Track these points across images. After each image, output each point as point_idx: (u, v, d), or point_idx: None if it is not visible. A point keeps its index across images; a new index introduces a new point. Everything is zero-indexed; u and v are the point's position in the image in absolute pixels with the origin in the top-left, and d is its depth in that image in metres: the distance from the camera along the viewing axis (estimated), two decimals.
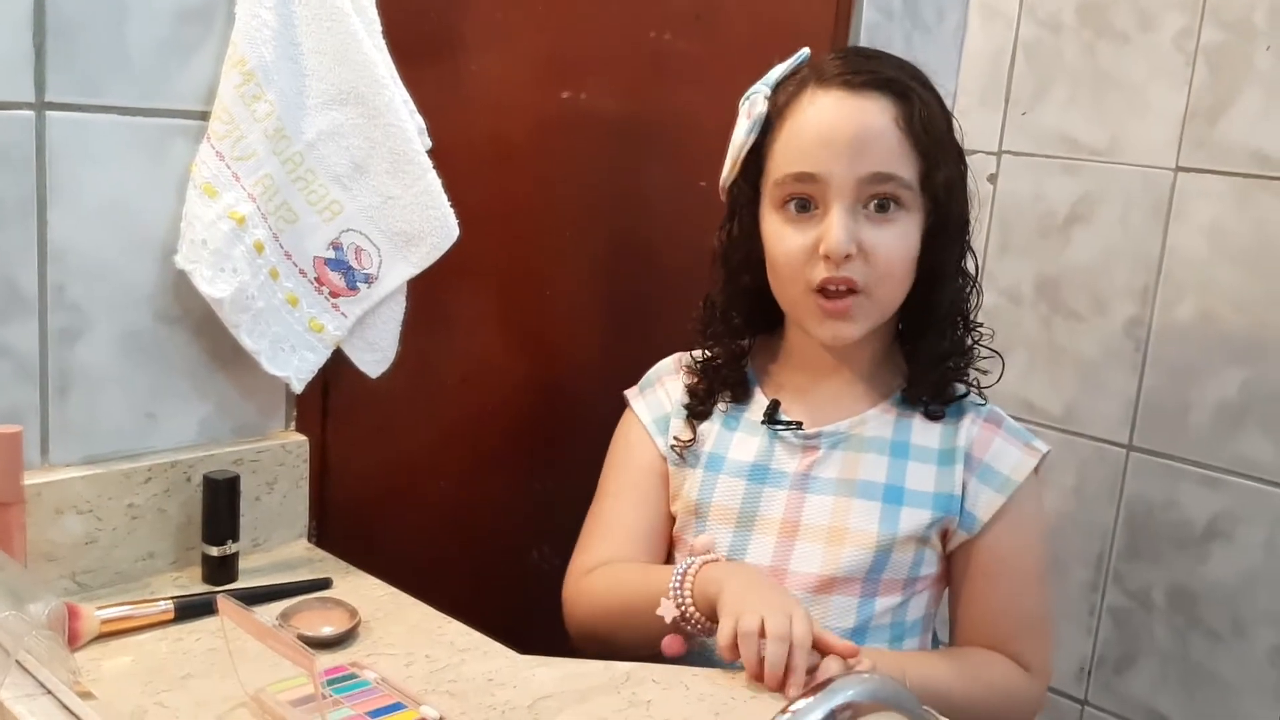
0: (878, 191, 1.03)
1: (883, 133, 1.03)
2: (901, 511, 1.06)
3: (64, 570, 1.01)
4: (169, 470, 1.06)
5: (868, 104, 1.03)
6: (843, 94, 1.04)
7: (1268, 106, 1.48)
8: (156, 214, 1.02)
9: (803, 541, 1.07)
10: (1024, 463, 1.10)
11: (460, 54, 1.24)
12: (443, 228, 1.10)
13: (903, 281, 1.06)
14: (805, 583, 1.06)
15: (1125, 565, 1.66)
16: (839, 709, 0.56)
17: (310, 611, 1.00)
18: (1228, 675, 1.57)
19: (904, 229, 1.04)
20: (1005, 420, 1.12)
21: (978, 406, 1.12)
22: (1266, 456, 1.51)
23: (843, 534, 1.06)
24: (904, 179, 1.03)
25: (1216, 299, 1.54)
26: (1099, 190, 1.64)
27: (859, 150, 1.02)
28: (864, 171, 1.02)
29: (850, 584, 1.06)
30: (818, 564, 1.06)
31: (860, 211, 1.03)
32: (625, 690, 0.90)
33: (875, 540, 1.06)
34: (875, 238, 1.03)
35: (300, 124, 1.04)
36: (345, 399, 1.21)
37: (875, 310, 1.06)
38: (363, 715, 0.84)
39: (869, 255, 1.03)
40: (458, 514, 1.35)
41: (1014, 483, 1.08)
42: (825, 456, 1.09)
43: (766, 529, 1.09)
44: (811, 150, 1.04)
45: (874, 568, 1.06)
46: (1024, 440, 1.11)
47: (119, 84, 0.98)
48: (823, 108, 1.04)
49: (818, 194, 1.04)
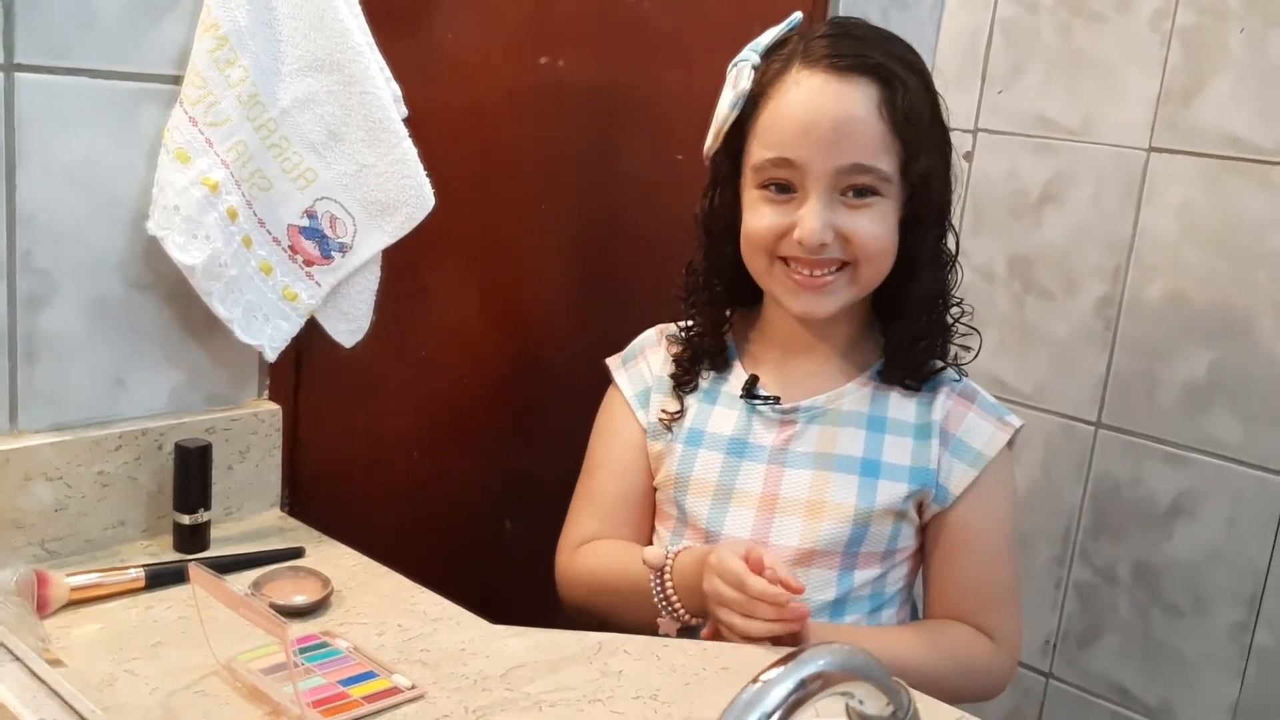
0: (855, 182, 1.03)
1: (864, 122, 1.02)
2: (878, 485, 1.07)
3: (33, 538, 1.00)
4: (140, 438, 1.05)
5: (851, 90, 1.02)
6: (827, 77, 1.02)
7: (1240, 89, 1.49)
8: (127, 179, 1.01)
9: (781, 515, 1.08)
10: (996, 438, 1.11)
11: (437, 20, 1.23)
12: (418, 197, 1.09)
13: (882, 264, 1.06)
14: (785, 555, 1.07)
15: (1091, 541, 1.68)
16: (809, 679, 0.56)
17: (282, 580, 1.00)
18: (1189, 650, 1.60)
19: (881, 215, 1.04)
20: (980, 395, 1.13)
21: (953, 381, 1.13)
22: (1232, 435, 1.54)
23: (821, 507, 1.07)
24: (883, 170, 1.03)
25: (1186, 280, 1.56)
26: (1072, 170, 1.65)
27: (839, 139, 1.01)
28: (843, 162, 1.02)
29: (829, 556, 1.07)
30: (796, 537, 1.07)
31: (838, 199, 1.04)
32: (597, 661, 0.91)
33: (853, 513, 1.07)
34: (852, 223, 1.03)
35: (275, 90, 1.03)
36: (319, 368, 1.20)
37: (853, 288, 1.07)
38: (335, 684, 0.84)
39: (847, 240, 1.04)
40: (431, 484, 1.35)
41: (985, 457, 1.10)
42: (802, 430, 1.10)
43: (745, 502, 1.09)
44: (792, 137, 1.03)
45: (852, 540, 1.07)
46: (997, 415, 1.12)
47: (89, 46, 0.97)
48: (806, 91, 1.03)
49: (796, 179, 1.04)
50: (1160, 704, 1.63)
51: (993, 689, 1.13)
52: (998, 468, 1.10)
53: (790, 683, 0.56)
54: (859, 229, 1.03)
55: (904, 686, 0.63)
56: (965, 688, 1.08)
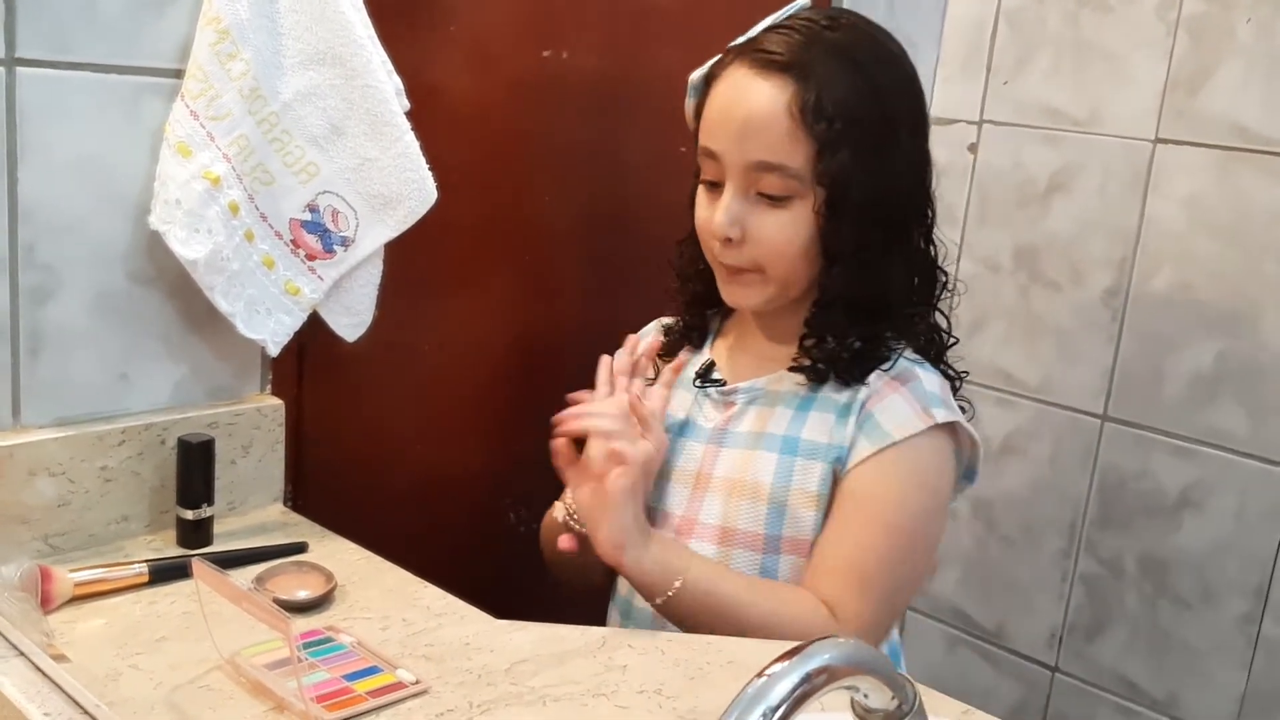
0: (766, 181, 1.03)
1: (771, 120, 1.01)
2: (795, 463, 1.06)
3: (36, 533, 1.00)
4: (143, 433, 1.05)
5: (764, 87, 1.02)
6: (747, 73, 1.03)
7: (1247, 79, 1.48)
8: (129, 173, 1.01)
9: (710, 493, 1.09)
10: (910, 422, 1.04)
11: (439, 13, 1.22)
12: (421, 190, 1.09)
13: (796, 263, 1.05)
14: (710, 533, 1.08)
15: (1098, 534, 1.68)
16: (814, 673, 0.56)
17: (286, 575, 1.00)
18: (1196, 642, 1.60)
19: (793, 216, 1.04)
20: (916, 382, 1.07)
21: (898, 364, 1.09)
22: (1239, 427, 1.53)
23: (741, 486, 1.08)
24: (791, 168, 1.02)
25: (1193, 271, 1.55)
26: (1078, 161, 1.64)
27: (746, 136, 1.02)
28: (751, 158, 1.03)
29: (752, 538, 1.07)
30: (718, 515, 1.08)
31: (755, 197, 1.04)
32: (601, 655, 0.91)
33: (769, 492, 1.06)
34: (760, 223, 1.04)
35: (276, 84, 1.03)
36: (321, 363, 1.20)
37: (772, 287, 1.07)
38: (339, 678, 0.84)
39: (753, 240, 1.05)
40: (435, 478, 1.35)
41: (890, 437, 1.04)
42: (741, 412, 1.11)
43: (682, 480, 1.11)
44: (713, 128, 1.05)
45: (771, 522, 1.06)
46: (924, 404, 1.05)
47: (91, 40, 0.97)
48: (727, 86, 1.04)
49: (719, 173, 1.05)
50: (1167, 696, 1.63)
51: None
52: (906, 453, 1.04)
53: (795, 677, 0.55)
54: (764, 233, 1.04)
55: (909, 680, 0.63)
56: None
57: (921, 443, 1.04)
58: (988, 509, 1.79)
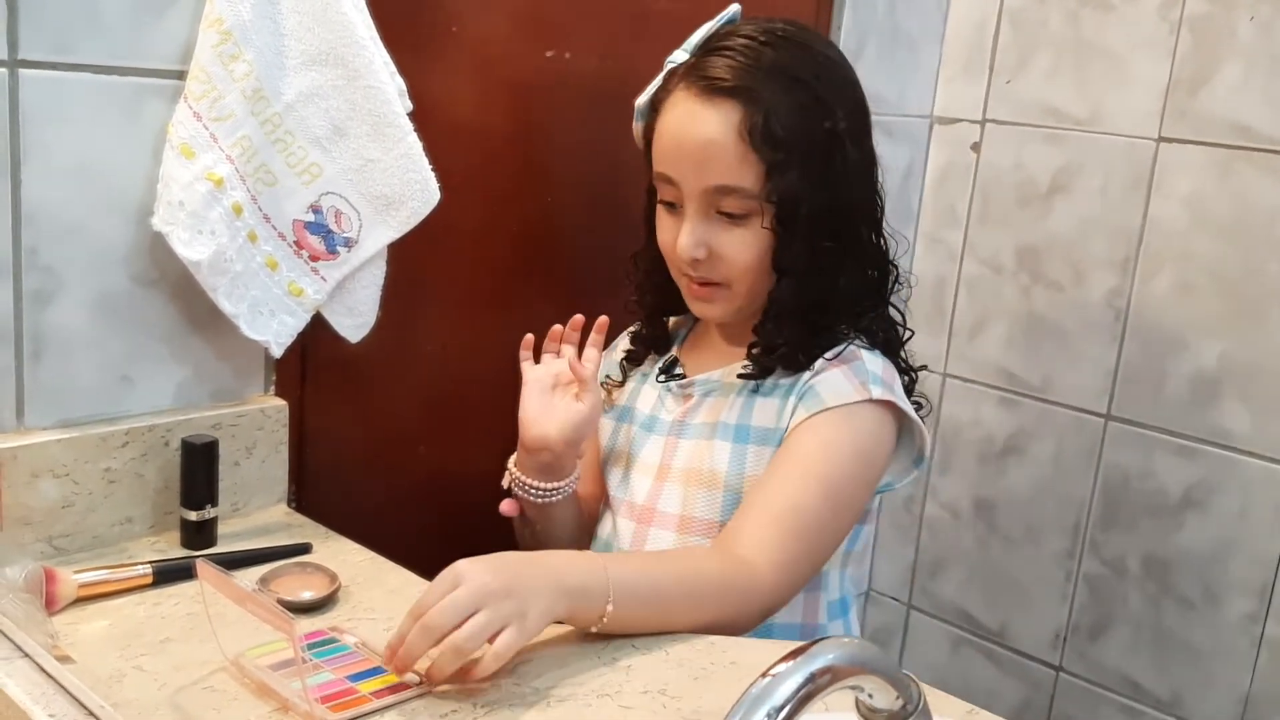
0: (725, 202, 1.06)
1: (724, 145, 1.04)
2: (748, 450, 1.09)
3: (40, 534, 1.00)
4: (146, 434, 1.05)
5: (713, 115, 1.05)
6: (695, 100, 1.06)
7: (1250, 78, 1.48)
8: (132, 175, 1.01)
9: (670, 483, 1.13)
10: (845, 393, 1.05)
11: (441, 13, 1.22)
12: (424, 191, 1.09)
13: (758, 276, 1.09)
14: (668, 522, 1.11)
15: (1101, 534, 1.67)
16: (818, 673, 0.56)
17: (290, 576, 1.00)
18: (1200, 643, 1.59)
19: (752, 233, 1.07)
20: (859, 362, 1.08)
21: (845, 350, 1.10)
22: (1242, 427, 1.53)
23: (699, 475, 1.11)
24: (746, 189, 1.05)
25: (1196, 270, 1.55)
26: (1080, 160, 1.64)
27: (703, 162, 1.05)
28: (709, 184, 1.06)
29: (709, 526, 1.09)
30: (676, 504, 1.11)
31: (715, 216, 1.08)
32: (605, 655, 0.91)
33: (724, 480, 1.09)
34: (724, 242, 1.07)
35: (279, 85, 1.03)
36: (325, 364, 1.20)
37: (737, 299, 1.11)
38: (343, 679, 0.84)
39: (719, 258, 1.08)
40: (438, 479, 1.35)
41: (824, 402, 1.05)
42: (699, 404, 1.15)
43: (645, 472, 1.15)
44: (668, 156, 1.08)
45: (727, 509, 1.09)
46: (862, 380, 1.07)
47: (93, 42, 0.97)
48: (678, 113, 1.07)
49: (677, 196, 1.09)
50: (1171, 696, 1.63)
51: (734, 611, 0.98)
52: (838, 416, 1.05)
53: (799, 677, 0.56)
54: (727, 252, 1.08)
55: (913, 679, 0.63)
56: (708, 609, 0.97)
57: (857, 410, 1.06)
58: (991, 509, 1.79)
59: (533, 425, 1.10)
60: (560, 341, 1.15)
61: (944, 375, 1.83)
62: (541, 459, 1.11)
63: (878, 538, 1.95)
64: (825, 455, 1.04)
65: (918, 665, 1.88)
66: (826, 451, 1.04)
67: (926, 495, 1.88)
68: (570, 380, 1.12)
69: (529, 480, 1.12)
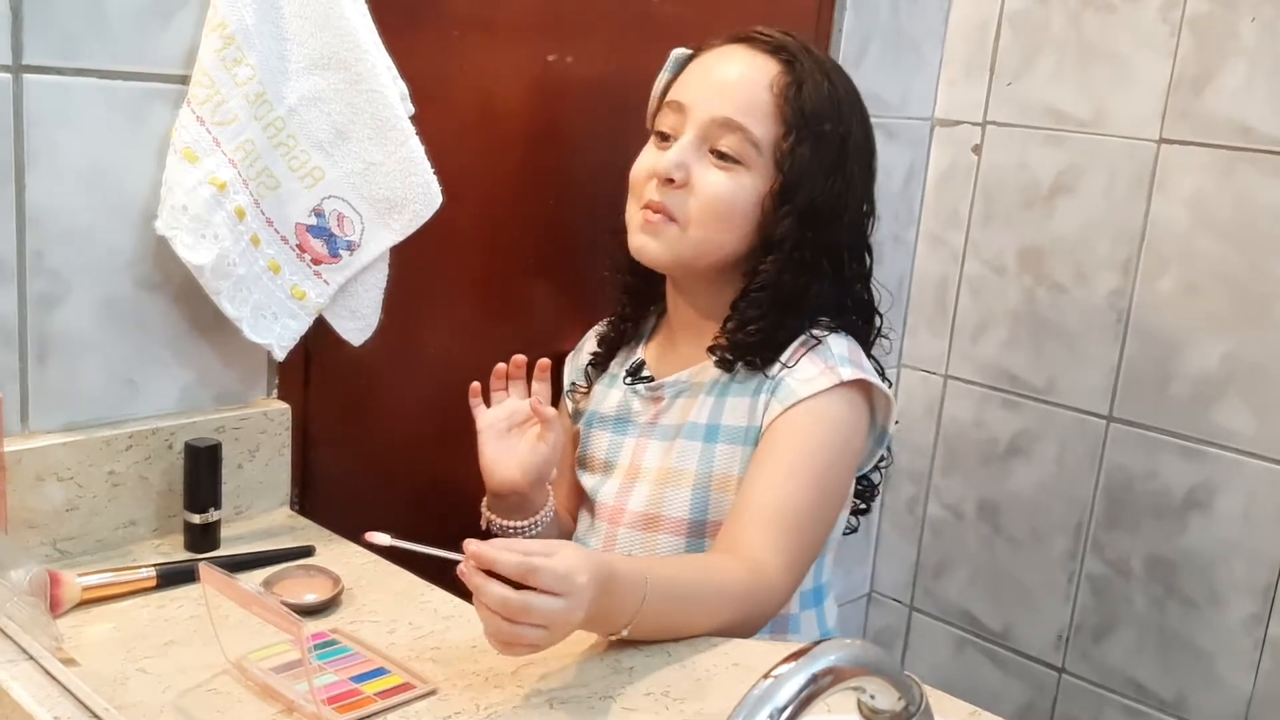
0: (724, 140, 1.07)
1: (753, 89, 1.07)
2: (717, 449, 1.10)
3: (45, 537, 1.00)
4: (150, 437, 1.05)
5: (755, 59, 1.09)
6: (741, 47, 1.10)
7: (1252, 78, 1.48)
8: (136, 179, 1.01)
9: (640, 483, 1.14)
10: (816, 380, 1.06)
11: (444, 17, 1.23)
12: (425, 195, 1.09)
13: (722, 228, 1.09)
14: (635, 519, 1.13)
15: (1104, 535, 1.67)
16: (820, 674, 0.56)
17: (293, 579, 1.00)
18: (1204, 644, 1.59)
19: (739, 181, 1.08)
20: (825, 347, 1.09)
21: (808, 338, 1.10)
22: (1246, 428, 1.53)
23: (667, 474, 1.12)
24: (753, 134, 1.07)
25: (1198, 271, 1.55)
26: (1083, 161, 1.64)
27: (724, 93, 1.08)
28: (719, 113, 1.07)
29: (676, 524, 1.10)
30: (644, 502, 1.12)
31: (705, 151, 1.08)
32: (608, 657, 0.91)
33: (693, 479, 1.10)
34: (705, 176, 1.08)
35: (281, 89, 1.03)
36: (327, 367, 1.20)
37: (685, 244, 1.09)
38: (347, 680, 0.84)
39: (694, 189, 1.08)
40: (440, 481, 1.35)
41: (796, 394, 1.05)
42: (669, 405, 1.16)
43: (617, 473, 1.17)
44: (689, 83, 1.11)
45: (695, 507, 1.10)
46: (829, 363, 1.07)
47: (97, 47, 0.97)
48: (719, 52, 1.11)
49: (679, 126, 1.09)
50: (1175, 697, 1.63)
51: (756, 615, 1.00)
52: (814, 406, 1.05)
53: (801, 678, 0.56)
54: (705, 186, 1.08)
55: (915, 681, 0.63)
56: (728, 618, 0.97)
57: (831, 397, 1.07)
58: (994, 511, 1.79)
59: (497, 470, 1.11)
60: (507, 379, 1.16)
61: (946, 377, 1.83)
62: (511, 501, 1.13)
63: (880, 539, 1.95)
64: (808, 449, 1.06)
65: (920, 667, 1.88)
66: (809, 445, 1.06)
67: (929, 496, 1.88)
68: (527, 418, 1.12)
69: (504, 522, 1.14)
